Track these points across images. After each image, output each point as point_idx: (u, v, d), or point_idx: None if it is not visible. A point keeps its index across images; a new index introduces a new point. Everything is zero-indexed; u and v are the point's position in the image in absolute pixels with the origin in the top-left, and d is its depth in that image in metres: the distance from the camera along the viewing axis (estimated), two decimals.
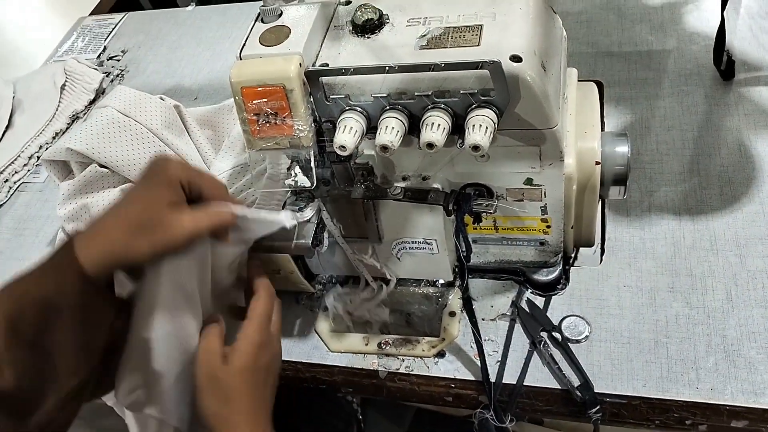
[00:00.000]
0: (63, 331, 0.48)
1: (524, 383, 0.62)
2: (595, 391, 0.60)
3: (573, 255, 0.70)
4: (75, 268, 0.47)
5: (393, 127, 0.52)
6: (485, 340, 0.65)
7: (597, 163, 0.60)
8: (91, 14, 1.33)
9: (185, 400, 0.56)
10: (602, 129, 0.66)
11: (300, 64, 0.52)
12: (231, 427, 0.53)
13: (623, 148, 0.62)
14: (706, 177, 0.73)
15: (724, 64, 0.81)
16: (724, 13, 0.78)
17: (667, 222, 0.70)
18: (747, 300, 0.63)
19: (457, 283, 0.69)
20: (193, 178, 0.52)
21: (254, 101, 0.52)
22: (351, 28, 0.56)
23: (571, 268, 0.69)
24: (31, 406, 0.49)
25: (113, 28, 1.24)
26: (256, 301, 0.57)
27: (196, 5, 1.24)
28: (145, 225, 0.49)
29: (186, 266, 0.53)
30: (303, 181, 0.57)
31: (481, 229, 0.65)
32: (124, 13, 1.28)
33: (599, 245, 0.70)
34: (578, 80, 0.65)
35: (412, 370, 0.66)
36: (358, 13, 0.56)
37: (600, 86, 0.81)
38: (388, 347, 0.67)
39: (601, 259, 0.69)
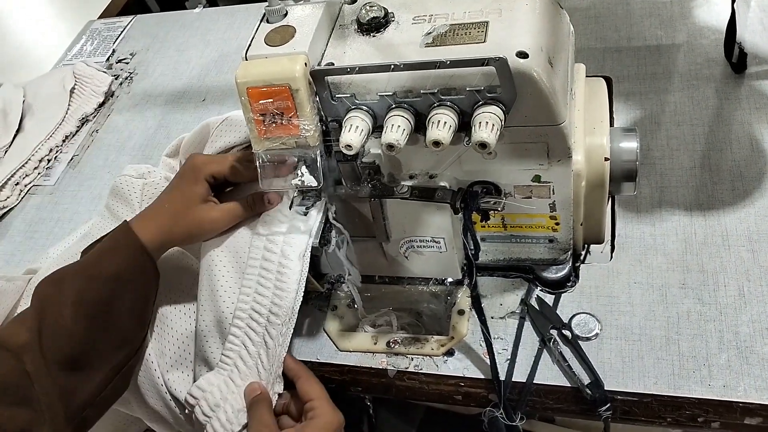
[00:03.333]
0: (126, 302, 0.59)
1: (534, 381, 0.62)
2: (606, 388, 0.59)
3: (583, 252, 0.69)
4: (138, 246, 0.59)
5: (399, 126, 0.51)
6: (495, 338, 0.65)
7: (606, 159, 0.60)
8: (99, 18, 1.33)
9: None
10: (611, 125, 0.65)
11: (305, 64, 0.52)
12: None
13: (632, 144, 0.61)
14: (718, 172, 0.72)
15: (736, 57, 0.80)
16: (734, 5, 0.77)
17: (678, 218, 0.69)
18: (760, 296, 0.62)
19: (466, 281, 0.69)
20: (218, 172, 0.64)
21: (260, 101, 0.52)
22: (356, 26, 0.56)
23: (581, 265, 0.69)
24: (86, 377, 0.56)
25: (122, 32, 1.25)
26: (313, 384, 0.61)
27: (204, 7, 1.25)
28: (182, 217, 0.62)
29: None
30: (309, 180, 0.57)
31: (489, 226, 0.64)
32: (133, 16, 1.29)
33: (609, 242, 0.70)
34: (586, 76, 0.65)
35: (421, 369, 0.65)
36: (363, 11, 0.55)
37: (609, 82, 0.81)
38: (396, 346, 0.67)
39: (612, 256, 0.69)
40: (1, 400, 0.52)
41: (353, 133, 0.52)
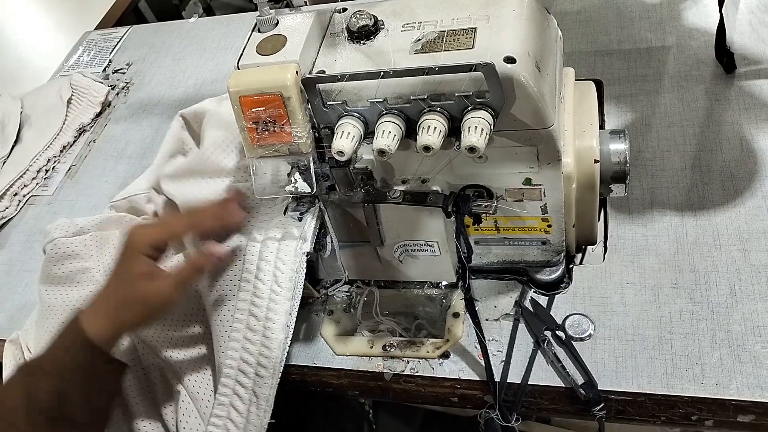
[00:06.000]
0: (77, 398, 0.56)
1: (529, 382, 0.62)
2: (600, 388, 0.60)
3: (580, 254, 0.70)
4: (85, 343, 0.56)
5: (390, 132, 0.52)
6: (489, 340, 0.65)
7: (596, 161, 0.60)
8: (96, 28, 1.34)
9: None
10: (602, 127, 0.66)
11: (297, 72, 0.53)
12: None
13: (622, 146, 0.62)
14: (708, 172, 0.73)
15: (726, 57, 0.81)
16: (723, 9, 0.78)
17: (670, 218, 0.70)
18: (751, 294, 0.63)
19: (460, 284, 0.69)
20: (157, 240, 0.60)
21: (252, 110, 0.53)
22: (347, 34, 0.57)
23: (574, 266, 0.69)
24: None
25: (118, 42, 1.26)
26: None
27: (199, 17, 1.26)
28: (126, 300, 0.58)
29: None
30: (303, 187, 0.57)
31: (482, 230, 0.65)
32: (129, 26, 1.30)
33: (602, 243, 0.70)
34: (577, 79, 0.65)
35: (417, 372, 0.66)
36: (354, 19, 0.56)
37: (600, 85, 0.82)
38: (392, 349, 0.67)
39: (604, 257, 0.69)
40: None
41: (345, 139, 0.53)
